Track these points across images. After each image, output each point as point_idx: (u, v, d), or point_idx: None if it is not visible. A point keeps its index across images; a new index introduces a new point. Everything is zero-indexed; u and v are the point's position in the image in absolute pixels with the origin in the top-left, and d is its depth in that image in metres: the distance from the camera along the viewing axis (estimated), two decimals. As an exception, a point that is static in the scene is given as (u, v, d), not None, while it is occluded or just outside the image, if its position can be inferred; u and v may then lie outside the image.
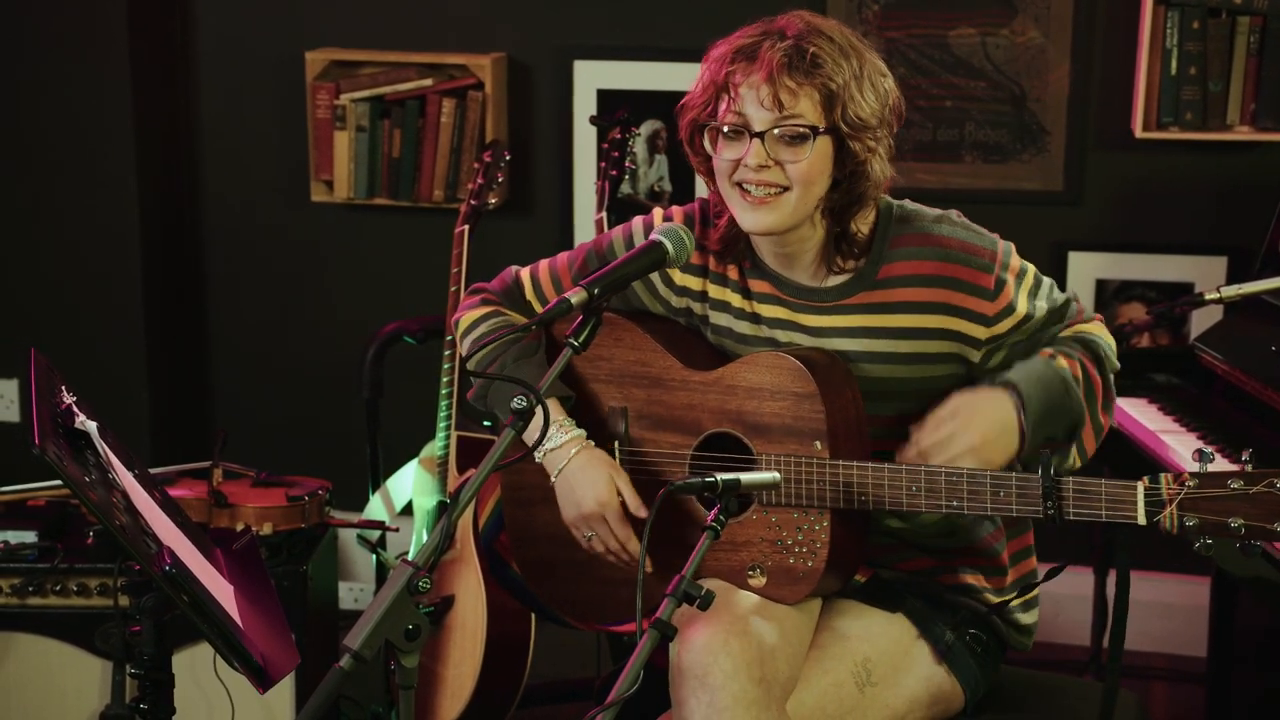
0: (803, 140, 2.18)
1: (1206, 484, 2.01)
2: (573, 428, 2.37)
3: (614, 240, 2.45)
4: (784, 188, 2.21)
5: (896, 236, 2.29)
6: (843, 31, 2.23)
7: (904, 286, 2.28)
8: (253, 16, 4.17)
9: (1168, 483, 2.03)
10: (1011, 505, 2.13)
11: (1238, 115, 3.63)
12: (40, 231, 4.18)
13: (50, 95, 4.09)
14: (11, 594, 3.05)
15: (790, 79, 2.17)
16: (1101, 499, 2.07)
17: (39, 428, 2.03)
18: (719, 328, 2.39)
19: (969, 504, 2.16)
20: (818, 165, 2.20)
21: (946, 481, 2.16)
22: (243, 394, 4.37)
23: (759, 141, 2.20)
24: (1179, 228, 3.85)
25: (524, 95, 4.07)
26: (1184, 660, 3.92)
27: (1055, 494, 2.09)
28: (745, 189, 2.22)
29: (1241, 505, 1.99)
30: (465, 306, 2.53)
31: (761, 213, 2.23)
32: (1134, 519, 2.06)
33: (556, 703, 3.57)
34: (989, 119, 3.86)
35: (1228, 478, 2.00)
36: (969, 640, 2.34)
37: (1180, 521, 2.02)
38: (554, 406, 2.37)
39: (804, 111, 2.18)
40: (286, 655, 2.22)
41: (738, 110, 2.21)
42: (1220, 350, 3.06)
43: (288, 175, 4.20)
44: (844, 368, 2.30)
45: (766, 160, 2.20)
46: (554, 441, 2.35)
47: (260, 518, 3.10)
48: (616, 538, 2.35)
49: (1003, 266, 2.29)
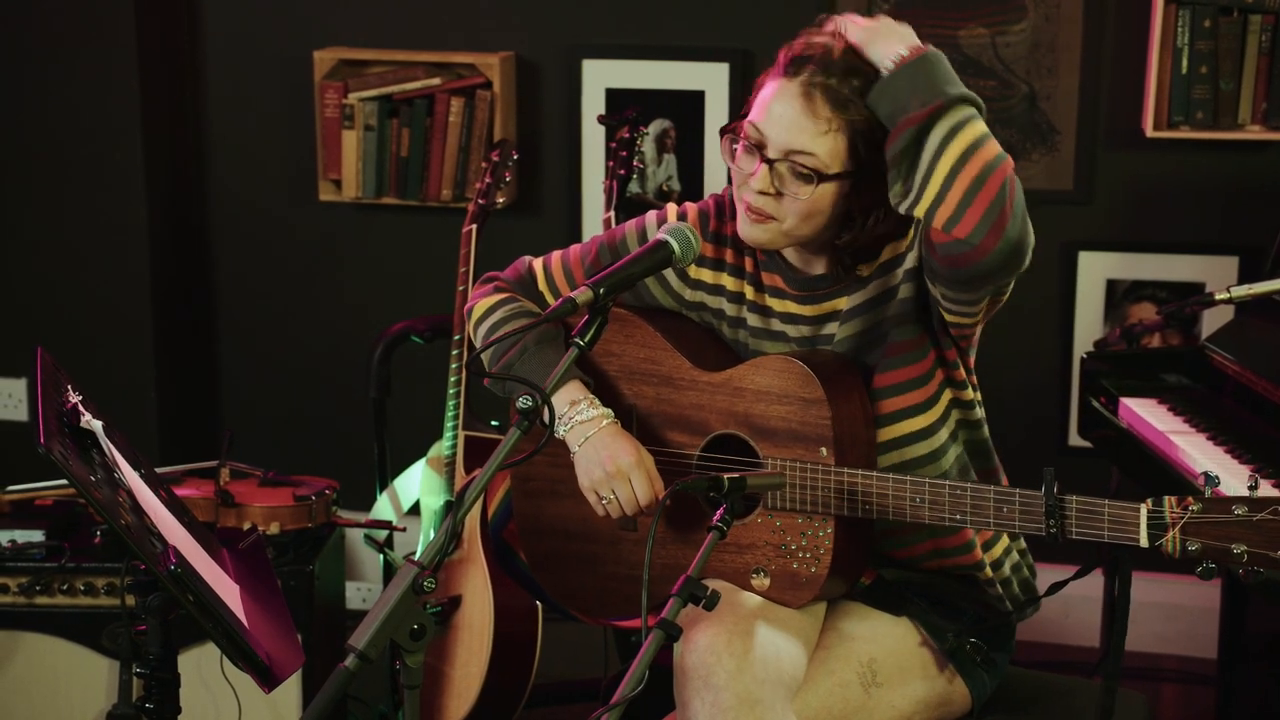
0: (808, 180, 2.17)
1: (1210, 508, 1.99)
2: (601, 406, 2.34)
3: (627, 234, 2.44)
4: (774, 218, 2.20)
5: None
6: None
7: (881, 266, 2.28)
8: (261, 16, 4.17)
9: (1171, 506, 2.01)
10: (1014, 521, 2.12)
11: (1249, 114, 3.61)
12: (48, 231, 4.18)
13: (58, 94, 4.09)
14: (19, 593, 3.05)
15: (814, 111, 2.14)
16: (1104, 520, 2.05)
17: (44, 427, 2.03)
18: (734, 319, 2.39)
19: (972, 518, 2.15)
20: (820, 204, 2.18)
21: (950, 494, 2.15)
22: (250, 393, 4.37)
23: (767, 168, 2.18)
24: (1190, 227, 3.84)
25: (532, 94, 4.06)
26: (1194, 662, 3.90)
27: (1058, 512, 2.08)
28: (749, 204, 2.23)
29: (1245, 532, 1.97)
30: (479, 294, 2.51)
31: (756, 229, 2.23)
32: (1136, 541, 2.04)
33: (563, 703, 3.57)
34: (999, 118, 3.85)
35: (1232, 503, 1.98)
36: (970, 648, 2.32)
37: (1183, 546, 2.00)
38: (579, 388, 2.34)
39: (818, 150, 2.15)
40: (292, 655, 2.22)
41: (759, 125, 2.20)
42: (1231, 350, 3.04)
43: (296, 174, 4.20)
44: (854, 371, 2.28)
45: (769, 188, 2.19)
46: (584, 414, 2.31)
47: (267, 517, 3.10)
48: (637, 495, 2.29)
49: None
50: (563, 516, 2.47)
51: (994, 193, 2.04)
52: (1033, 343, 3.95)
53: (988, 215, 2.04)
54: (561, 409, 2.32)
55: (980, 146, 2.06)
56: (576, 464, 2.33)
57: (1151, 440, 2.95)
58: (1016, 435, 3.65)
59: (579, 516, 2.46)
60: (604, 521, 2.42)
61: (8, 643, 3.08)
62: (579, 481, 2.34)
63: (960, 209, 2.04)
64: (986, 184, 2.04)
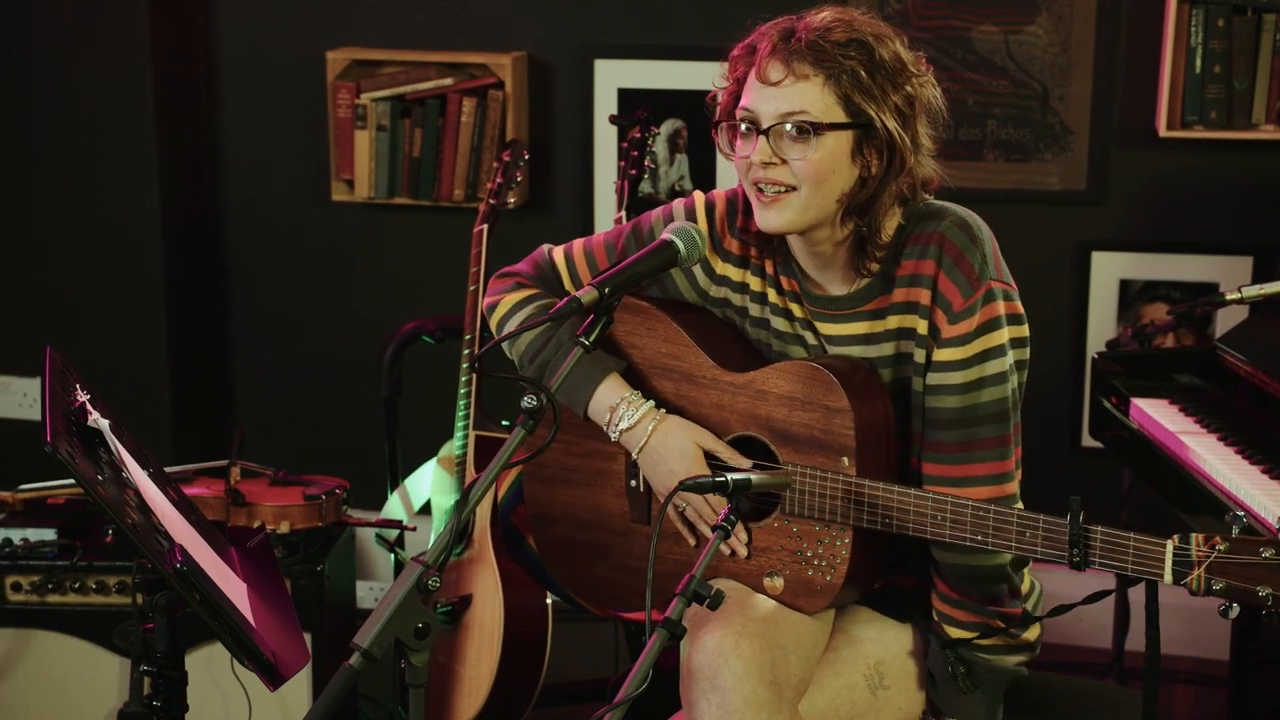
0: (805, 135, 2.13)
1: (1237, 549, 1.96)
2: (641, 400, 2.32)
3: (655, 222, 2.39)
4: (792, 187, 2.16)
5: (914, 233, 2.22)
6: (869, 23, 2.15)
7: (906, 286, 2.22)
8: (274, 16, 4.18)
9: (1198, 544, 1.98)
10: (1036, 547, 2.08)
11: (1263, 114, 3.60)
12: (63, 231, 4.20)
13: (73, 95, 4.11)
14: (31, 591, 3.06)
15: (795, 72, 2.12)
16: (1129, 553, 2.02)
17: (51, 426, 2.04)
18: (757, 320, 2.35)
19: (994, 539, 2.11)
20: (827, 162, 2.14)
21: (973, 514, 2.11)
22: (262, 392, 4.38)
23: (764, 138, 2.15)
24: (1203, 227, 3.82)
25: (544, 94, 4.06)
26: (1207, 663, 3.89)
27: (1083, 542, 2.04)
28: (760, 188, 2.19)
29: (1271, 575, 1.94)
30: (498, 290, 2.46)
31: (773, 212, 2.18)
32: (1160, 577, 2.01)
33: (574, 703, 3.56)
34: (1012, 117, 3.84)
35: (1259, 545, 1.95)
36: (952, 667, 2.27)
37: (1207, 585, 1.97)
38: (617, 381, 2.33)
39: (809, 106, 2.12)
40: (297, 653, 2.22)
41: (748, 106, 2.18)
42: (1242, 351, 3.03)
43: (308, 174, 4.21)
44: (878, 378, 2.25)
45: (771, 157, 2.15)
46: (627, 420, 2.31)
47: (277, 516, 3.10)
48: (711, 506, 2.30)
49: (983, 300, 2.18)
50: (575, 504, 2.46)
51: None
52: (1046, 343, 3.92)
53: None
54: (603, 416, 2.31)
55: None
56: (643, 470, 2.34)
57: (1162, 441, 2.93)
58: (1029, 436, 3.62)
59: (591, 505, 2.46)
60: (617, 512, 2.42)
61: (20, 641, 3.09)
62: (654, 490, 2.35)
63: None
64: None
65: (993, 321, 2.18)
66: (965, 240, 2.18)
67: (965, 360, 2.17)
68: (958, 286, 2.17)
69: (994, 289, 2.17)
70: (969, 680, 2.24)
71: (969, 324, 2.17)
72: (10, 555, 3.05)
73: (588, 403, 2.33)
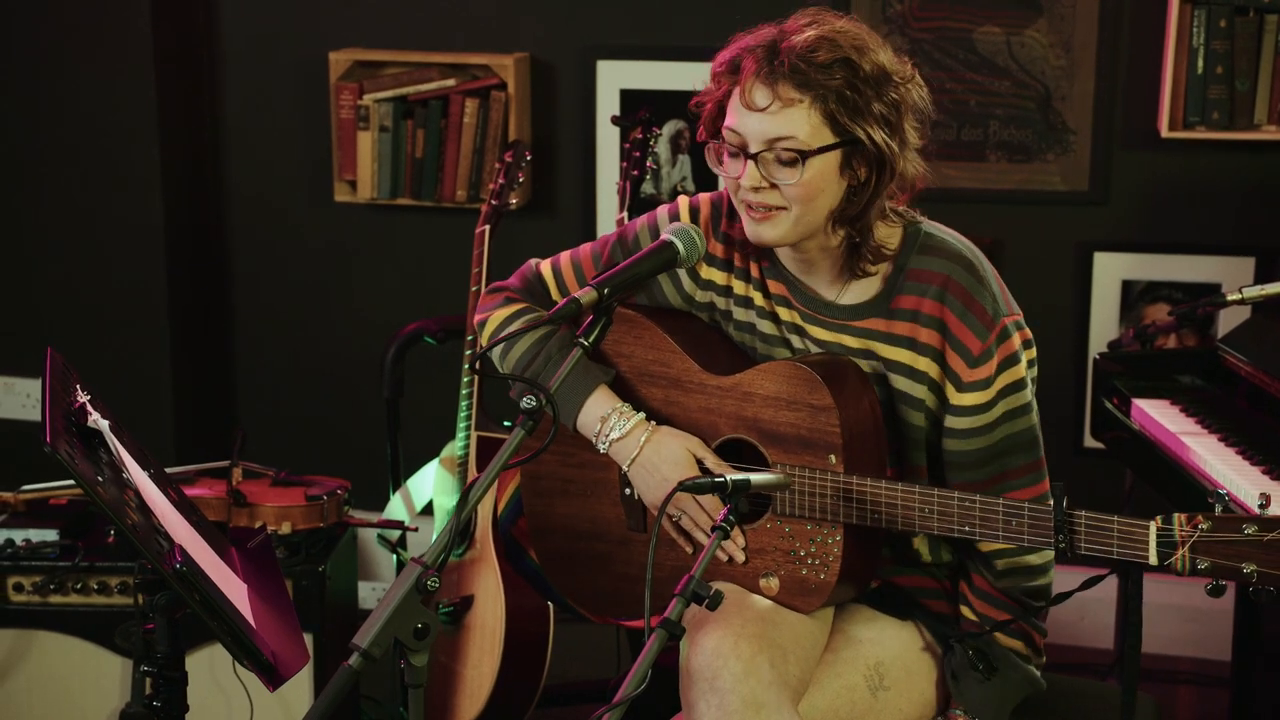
0: (794, 164, 2.14)
1: (1220, 527, 1.98)
2: (631, 412, 2.33)
3: (640, 230, 2.41)
4: (782, 207, 2.18)
5: (915, 269, 2.24)
6: (850, 35, 2.15)
7: (907, 321, 2.24)
8: (277, 17, 4.18)
9: (1181, 524, 2.00)
10: (1024, 534, 2.10)
11: (1265, 114, 3.60)
12: (66, 232, 4.20)
13: (76, 95, 4.11)
14: (33, 592, 3.06)
15: (781, 96, 2.13)
16: (1114, 536, 2.04)
17: (51, 427, 2.04)
18: (741, 323, 2.37)
19: (981, 530, 2.13)
20: (816, 182, 2.15)
21: (960, 506, 2.13)
22: (265, 393, 4.39)
23: (752, 164, 2.16)
24: (1205, 228, 3.82)
25: (547, 95, 4.07)
26: (1209, 664, 3.89)
27: (1068, 527, 2.07)
28: (750, 205, 2.20)
29: (1255, 551, 1.96)
30: (487, 306, 2.48)
31: (764, 227, 2.20)
32: (1146, 559, 2.03)
33: (575, 703, 3.57)
34: (1014, 118, 3.84)
35: (1241, 523, 1.97)
36: (971, 657, 2.29)
37: (1192, 564, 1.99)
38: (605, 393, 2.34)
39: (796, 131, 2.13)
40: (297, 654, 2.23)
41: (734, 128, 2.18)
42: (1244, 351, 3.02)
43: (311, 175, 4.21)
44: (862, 374, 2.27)
45: (760, 182, 2.17)
46: (617, 430, 2.31)
47: (279, 517, 3.10)
48: (707, 512, 2.31)
49: (998, 340, 2.21)
50: (573, 515, 2.47)
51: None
52: (1048, 344, 3.90)
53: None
54: (593, 427, 2.32)
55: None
56: (635, 482, 2.34)
57: (1163, 441, 2.93)
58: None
59: (589, 516, 2.46)
60: (614, 521, 2.42)
61: (22, 641, 3.10)
62: (646, 501, 2.35)
63: None
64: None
65: (1011, 357, 2.23)
66: (973, 282, 2.22)
67: (990, 401, 2.22)
68: (973, 331, 2.20)
69: (1007, 326, 2.22)
70: (988, 667, 2.28)
71: (989, 367, 2.21)
72: (12, 556, 3.06)
73: (576, 415, 2.34)
